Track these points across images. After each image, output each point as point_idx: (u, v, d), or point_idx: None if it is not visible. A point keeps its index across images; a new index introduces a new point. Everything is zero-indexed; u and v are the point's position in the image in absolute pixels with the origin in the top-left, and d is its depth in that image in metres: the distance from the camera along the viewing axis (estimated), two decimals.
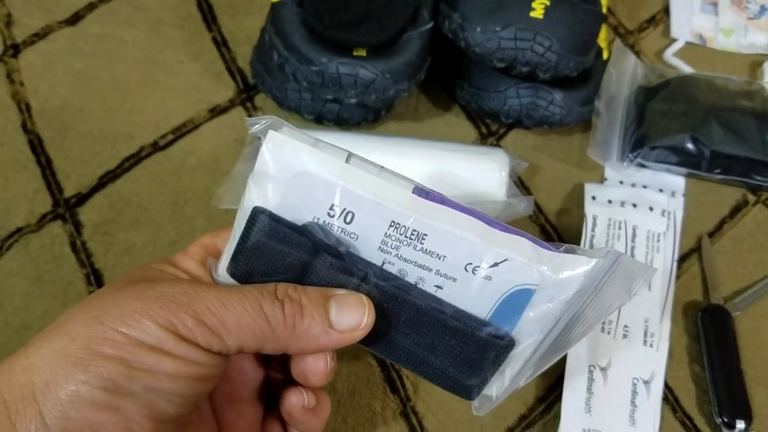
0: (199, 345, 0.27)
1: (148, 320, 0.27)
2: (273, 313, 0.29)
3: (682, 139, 0.53)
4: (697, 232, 0.53)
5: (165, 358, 0.27)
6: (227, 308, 0.28)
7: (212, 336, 0.28)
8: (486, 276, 0.31)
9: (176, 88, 0.57)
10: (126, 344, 0.26)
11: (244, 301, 0.28)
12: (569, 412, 0.45)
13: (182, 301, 0.27)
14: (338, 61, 0.48)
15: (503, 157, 0.51)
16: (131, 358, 0.26)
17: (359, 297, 0.31)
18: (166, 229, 0.51)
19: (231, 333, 0.28)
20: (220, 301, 0.28)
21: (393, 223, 0.30)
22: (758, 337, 0.49)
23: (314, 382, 0.33)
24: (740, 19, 0.63)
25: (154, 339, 0.26)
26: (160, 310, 0.27)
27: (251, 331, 0.28)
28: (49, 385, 0.25)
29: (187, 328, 0.27)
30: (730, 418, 0.45)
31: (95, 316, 0.27)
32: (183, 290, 0.28)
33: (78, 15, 0.59)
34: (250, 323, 0.28)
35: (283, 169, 0.30)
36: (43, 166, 0.53)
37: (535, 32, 0.48)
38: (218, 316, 0.28)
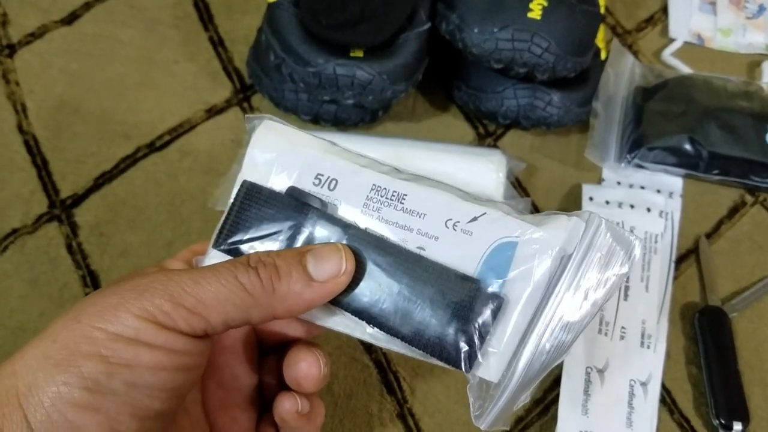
0: (180, 329, 0.27)
1: (124, 312, 0.26)
2: (249, 281, 0.28)
3: (679, 139, 0.53)
4: (695, 233, 0.53)
5: (144, 350, 0.26)
6: (202, 285, 0.28)
7: (192, 316, 0.27)
8: (466, 230, 0.31)
9: (172, 89, 0.56)
10: (104, 339, 0.26)
11: (218, 275, 0.28)
12: (566, 414, 0.45)
13: (156, 288, 0.27)
14: (335, 62, 0.48)
15: (500, 158, 0.51)
16: (109, 353, 0.26)
17: (333, 245, 0.31)
18: (162, 230, 0.51)
19: (211, 309, 0.28)
20: (193, 280, 0.28)
21: (374, 186, 0.32)
22: (756, 338, 0.49)
23: (307, 388, 0.33)
24: (739, 18, 0.63)
25: (132, 330, 0.26)
26: (135, 300, 0.27)
27: (231, 303, 0.28)
28: (31, 389, 0.25)
29: (165, 314, 0.27)
30: (727, 420, 0.45)
31: (74, 316, 0.27)
32: (156, 278, 0.28)
33: (74, 14, 0.59)
34: (229, 295, 0.28)
35: (273, 148, 0.33)
36: (38, 167, 0.52)
37: (533, 33, 0.47)
38: (195, 295, 0.27)
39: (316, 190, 0.32)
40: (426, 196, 0.32)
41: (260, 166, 0.33)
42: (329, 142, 0.34)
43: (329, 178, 0.32)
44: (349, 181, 0.32)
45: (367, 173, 0.32)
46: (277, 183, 0.33)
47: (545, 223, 0.31)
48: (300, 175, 0.33)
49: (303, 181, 0.33)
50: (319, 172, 0.32)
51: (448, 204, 0.32)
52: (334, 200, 0.32)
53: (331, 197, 0.32)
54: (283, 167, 0.33)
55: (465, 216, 0.31)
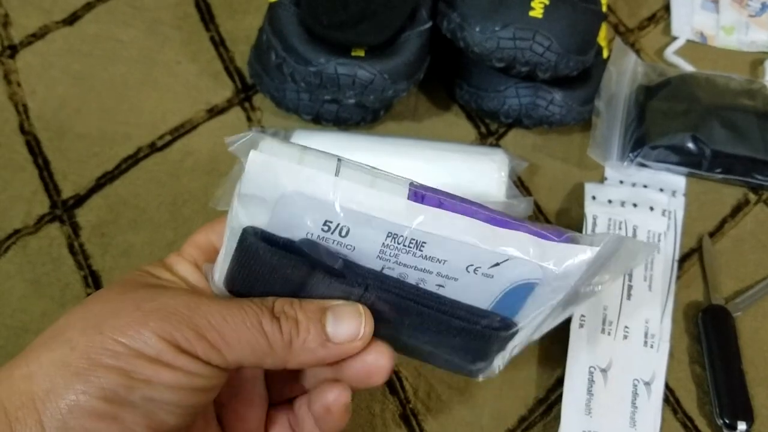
0: (199, 358, 0.27)
1: (148, 331, 0.27)
2: (271, 330, 0.29)
3: (682, 138, 0.53)
4: (698, 231, 0.53)
5: (164, 370, 0.27)
6: (228, 323, 0.28)
7: (212, 350, 0.27)
8: (487, 274, 0.31)
9: (174, 89, 0.56)
10: (126, 355, 0.26)
11: (245, 316, 0.28)
12: (569, 414, 0.45)
13: (183, 314, 0.27)
14: (336, 61, 0.48)
15: (503, 157, 0.51)
16: (131, 368, 0.26)
17: (355, 307, 0.30)
18: (164, 230, 0.50)
19: (231, 348, 0.28)
20: (221, 315, 0.28)
21: (390, 234, 0.29)
22: (760, 337, 0.49)
23: (377, 381, 0.32)
24: (741, 16, 0.63)
25: (154, 350, 0.26)
26: (160, 321, 0.27)
27: (250, 347, 0.28)
28: (49, 394, 0.25)
29: (188, 341, 0.27)
30: (731, 419, 0.45)
31: (94, 324, 0.27)
32: (184, 302, 0.28)
33: (75, 15, 0.59)
34: (250, 339, 0.28)
35: (270, 190, 0.28)
36: (40, 168, 0.52)
37: (535, 32, 0.47)
38: (219, 331, 0.28)
39: (327, 236, 0.29)
40: (446, 243, 0.30)
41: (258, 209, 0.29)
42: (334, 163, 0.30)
43: (340, 225, 0.29)
44: (362, 228, 0.29)
45: (381, 219, 0.29)
46: (281, 229, 0.29)
47: (567, 260, 0.30)
48: (307, 224, 0.29)
49: (311, 227, 0.29)
50: (328, 219, 0.29)
51: (469, 251, 0.30)
52: (347, 246, 0.30)
53: (344, 243, 0.30)
54: (286, 214, 0.29)
55: (487, 262, 0.30)
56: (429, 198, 0.30)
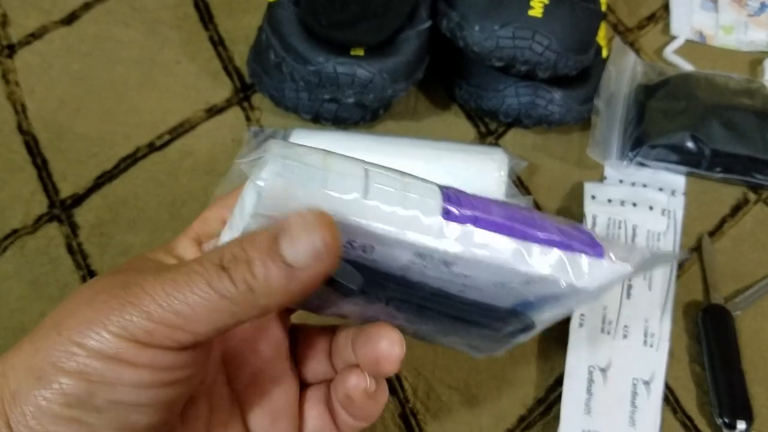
0: (165, 346, 0.25)
1: (102, 330, 0.25)
2: (223, 286, 0.25)
3: (682, 137, 0.53)
4: (698, 231, 0.53)
5: (126, 369, 0.25)
6: (176, 298, 0.25)
7: (175, 332, 0.25)
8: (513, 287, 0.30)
9: (173, 89, 0.56)
10: (84, 356, 0.25)
11: (191, 285, 0.25)
12: (569, 413, 0.45)
13: (132, 304, 0.25)
14: (335, 60, 0.47)
15: (502, 156, 0.51)
16: (90, 371, 0.24)
17: (305, 215, 0.25)
18: (163, 230, 0.50)
19: (193, 321, 0.25)
20: (166, 292, 0.25)
21: (419, 254, 0.27)
22: (759, 336, 0.49)
23: (386, 369, 0.30)
24: (740, 16, 0.63)
25: (112, 349, 0.25)
26: (114, 317, 0.25)
27: (209, 311, 0.25)
28: (15, 398, 0.25)
29: (147, 333, 0.25)
30: (730, 419, 0.45)
31: (54, 324, 0.25)
32: (132, 291, 0.25)
33: (74, 15, 0.59)
34: (206, 306, 0.25)
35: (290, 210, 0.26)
36: (39, 168, 0.52)
37: (534, 31, 0.47)
38: (172, 310, 0.25)
39: (349, 250, 0.27)
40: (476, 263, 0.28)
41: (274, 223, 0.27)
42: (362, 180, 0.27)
43: (365, 245, 0.27)
44: (390, 247, 0.27)
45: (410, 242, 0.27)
46: None
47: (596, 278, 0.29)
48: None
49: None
50: (352, 240, 0.27)
51: (501, 271, 0.28)
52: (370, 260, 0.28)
53: (366, 257, 0.28)
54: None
55: (518, 280, 0.29)
56: (463, 214, 0.28)
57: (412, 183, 0.28)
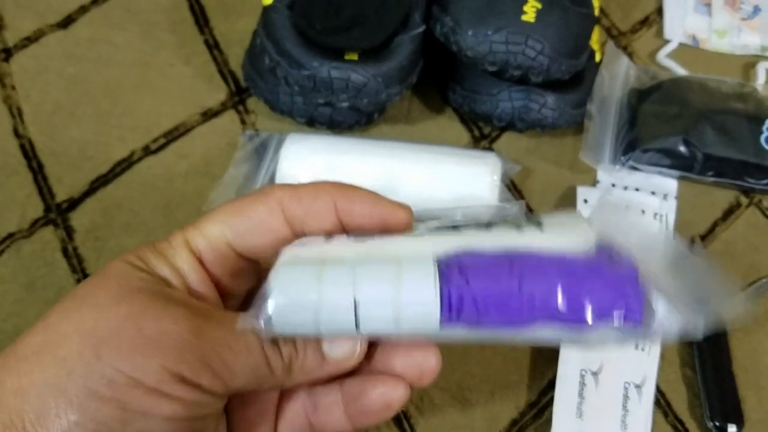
0: (202, 388, 0.26)
1: (150, 360, 0.25)
2: (273, 355, 0.28)
3: (674, 141, 0.53)
4: (690, 234, 0.53)
5: (163, 401, 0.25)
6: (233, 352, 0.27)
7: (215, 379, 0.27)
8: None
9: (168, 92, 0.57)
10: (123, 385, 0.25)
11: (249, 344, 0.28)
12: (561, 417, 0.45)
13: (189, 342, 0.26)
14: (330, 65, 0.48)
15: (495, 160, 0.51)
16: (127, 400, 0.25)
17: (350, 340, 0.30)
18: (158, 233, 0.51)
19: (234, 376, 0.27)
20: (226, 342, 0.27)
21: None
22: (750, 340, 0.49)
23: (425, 381, 0.32)
24: (734, 19, 0.63)
25: (154, 381, 0.25)
26: (165, 350, 0.26)
27: (253, 372, 0.28)
28: (40, 419, 0.24)
29: (192, 372, 0.26)
30: (721, 422, 0.45)
31: (93, 345, 0.25)
32: (189, 328, 0.27)
33: (70, 18, 0.59)
34: (253, 366, 0.28)
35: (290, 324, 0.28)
36: (34, 171, 0.52)
37: (527, 36, 0.48)
38: (224, 360, 0.27)
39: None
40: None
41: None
42: (350, 288, 0.27)
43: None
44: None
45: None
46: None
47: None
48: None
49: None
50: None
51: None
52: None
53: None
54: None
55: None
56: (467, 312, 0.27)
57: (406, 276, 0.27)
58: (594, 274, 0.26)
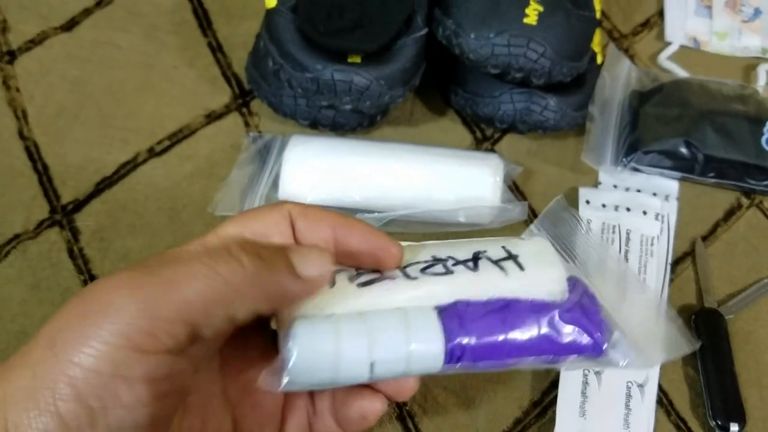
0: (165, 347, 0.25)
1: (99, 342, 0.24)
2: (231, 271, 0.26)
3: (675, 143, 0.53)
4: (691, 235, 0.53)
5: (123, 387, 0.24)
6: (179, 285, 0.25)
7: (175, 325, 0.25)
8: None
9: (172, 94, 0.57)
10: (81, 378, 0.24)
11: (194, 270, 0.26)
12: (564, 416, 0.45)
13: (126, 303, 0.25)
14: (333, 67, 0.48)
15: (498, 162, 0.52)
16: (88, 392, 0.24)
17: (316, 246, 0.30)
18: (163, 235, 0.51)
19: (194, 311, 0.25)
20: (167, 281, 0.25)
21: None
22: (752, 340, 0.49)
23: (402, 397, 0.34)
24: (734, 22, 0.63)
25: (110, 364, 0.24)
26: (109, 324, 0.24)
27: (214, 299, 0.26)
28: (18, 428, 0.24)
29: (144, 333, 0.24)
30: (723, 421, 0.45)
31: (49, 343, 0.25)
32: (128, 290, 0.25)
33: (73, 21, 0.60)
34: (210, 292, 0.26)
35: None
36: (39, 173, 0.53)
37: (529, 38, 0.48)
38: (172, 300, 0.25)
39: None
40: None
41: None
42: (364, 343, 0.30)
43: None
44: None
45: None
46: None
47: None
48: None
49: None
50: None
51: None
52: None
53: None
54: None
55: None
56: (466, 359, 0.31)
57: (413, 325, 0.30)
58: (566, 315, 0.31)
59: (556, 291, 0.32)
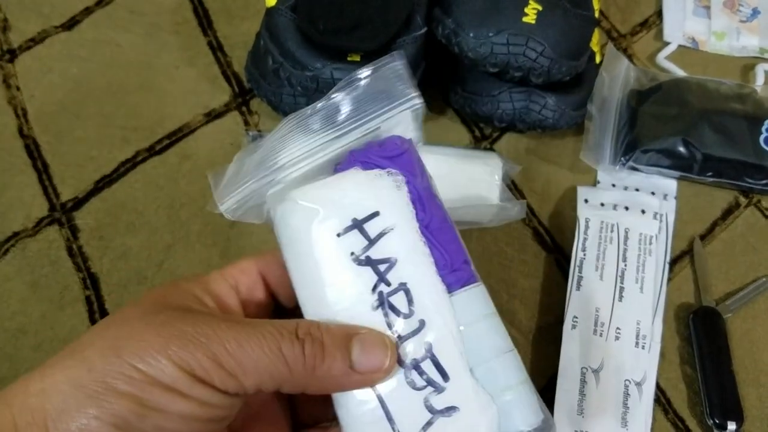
0: (216, 387, 0.27)
1: (166, 359, 0.26)
2: (292, 355, 0.28)
3: (674, 142, 0.53)
4: (689, 234, 0.53)
5: (179, 399, 0.26)
6: (245, 350, 0.27)
7: (229, 378, 0.27)
8: None
9: (172, 93, 0.57)
10: (141, 381, 0.26)
11: (263, 342, 0.28)
12: (562, 414, 0.45)
13: (201, 342, 0.27)
14: (332, 66, 0.48)
15: (497, 160, 0.52)
16: (145, 396, 0.26)
17: (381, 336, 0.29)
18: (162, 233, 0.51)
19: (248, 376, 0.27)
20: (238, 342, 0.27)
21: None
22: (749, 338, 0.49)
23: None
24: (732, 22, 0.64)
25: (170, 379, 0.26)
26: (178, 349, 0.26)
27: (269, 373, 0.28)
28: (61, 415, 0.25)
29: (204, 370, 0.27)
30: (721, 420, 0.45)
31: (113, 346, 0.26)
32: (202, 330, 0.27)
33: (74, 20, 0.60)
34: (268, 366, 0.28)
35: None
36: (39, 171, 0.53)
37: (528, 37, 0.48)
38: (236, 359, 0.27)
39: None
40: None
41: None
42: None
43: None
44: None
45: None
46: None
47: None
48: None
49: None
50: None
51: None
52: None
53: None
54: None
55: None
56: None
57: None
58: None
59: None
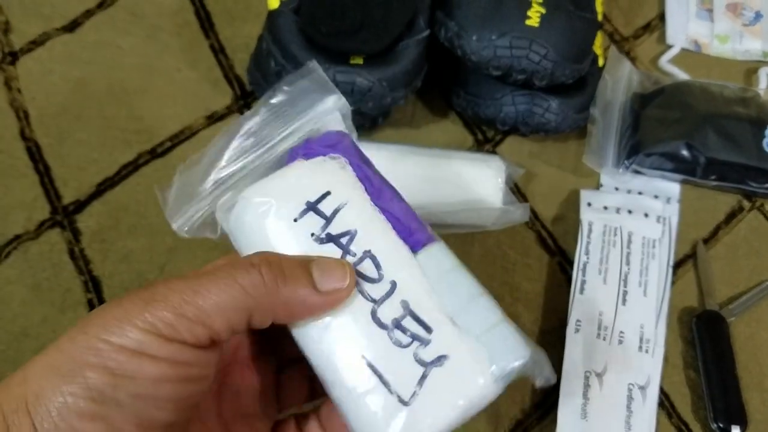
0: (186, 341, 0.27)
1: (128, 325, 0.27)
2: (250, 282, 0.28)
3: (677, 145, 0.53)
4: (693, 238, 0.53)
5: (147, 362, 0.26)
6: (202, 294, 0.28)
7: (195, 326, 0.27)
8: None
9: (174, 96, 0.57)
10: (108, 351, 0.26)
11: (218, 281, 0.28)
12: (566, 418, 0.45)
13: (158, 300, 0.27)
14: (335, 69, 0.48)
15: (499, 163, 0.52)
16: (114, 365, 0.26)
17: (337, 260, 0.31)
18: (164, 236, 0.51)
19: (213, 317, 0.28)
20: (193, 290, 0.28)
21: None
22: (753, 342, 0.49)
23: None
24: (735, 25, 0.64)
25: (136, 343, 0.26)
26: (138, 313, 0.27)
27: (232, 307, 0.28)
28: (38, 398, 0.25)
29: (169, 326, 0.27)
30: (725, 424, 0.45)
31: (81, 327, 0.27)
32: (159, 290, 0.28)
33: (76, 22, 0.60)
34: (229, 300, 0.28)
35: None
36: (41, 174, 0.53)
37: (531, 40, 0.48)
38: (195, 305, 0.27)
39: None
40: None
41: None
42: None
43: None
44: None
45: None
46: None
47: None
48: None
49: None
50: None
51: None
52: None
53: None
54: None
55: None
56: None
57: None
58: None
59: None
